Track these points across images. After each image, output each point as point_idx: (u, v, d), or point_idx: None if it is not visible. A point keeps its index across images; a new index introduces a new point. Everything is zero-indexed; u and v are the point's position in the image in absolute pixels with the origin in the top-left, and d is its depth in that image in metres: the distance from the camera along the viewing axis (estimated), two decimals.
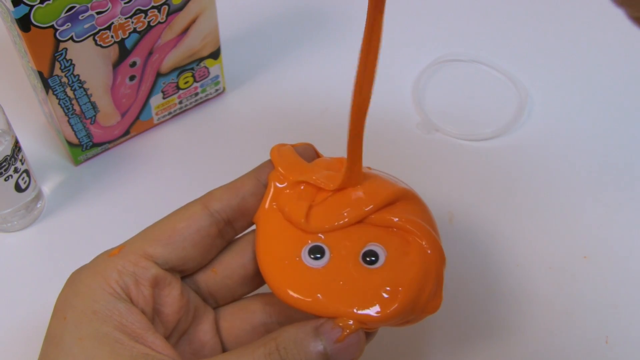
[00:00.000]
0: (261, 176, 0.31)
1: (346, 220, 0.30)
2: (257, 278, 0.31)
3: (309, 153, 0.32)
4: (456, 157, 0.47)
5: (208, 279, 0.31)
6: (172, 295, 0.29)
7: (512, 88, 0.51)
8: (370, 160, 0.35)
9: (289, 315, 0.31)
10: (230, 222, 0.31)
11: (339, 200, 0.31)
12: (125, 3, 0.37)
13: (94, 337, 0.25)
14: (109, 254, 0.29)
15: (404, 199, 0.31)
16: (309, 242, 0.30)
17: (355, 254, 0.29)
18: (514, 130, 0.48)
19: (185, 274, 0.31)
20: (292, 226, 0.30)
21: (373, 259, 0.29)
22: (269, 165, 0.31)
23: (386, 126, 0.48)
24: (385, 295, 0.28)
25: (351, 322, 0.27)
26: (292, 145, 0.32)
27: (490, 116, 0.49)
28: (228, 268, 0.31)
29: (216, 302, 0.32)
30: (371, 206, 0.30)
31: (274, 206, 0.31)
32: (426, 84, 0.51)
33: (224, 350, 0.31)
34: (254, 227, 0.31)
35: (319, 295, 0.28)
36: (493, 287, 0.40)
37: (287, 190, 0.31)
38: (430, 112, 0.49)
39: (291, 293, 0.28)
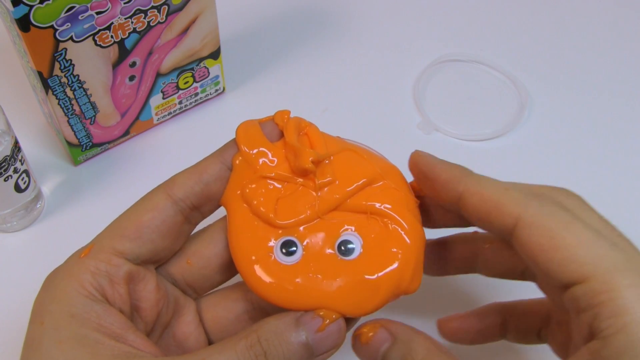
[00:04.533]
0: (225, 158, 0.30)
1: (317, 211, 0.29)
2: (233, 266, 0.30)
3: (276, 131, 0.31)
4: (456, 157, 0.47)
5: (184, 271, 0.31)
6: (148, 289, 0.29)
7: (512, 88, 0.51)
8: None
9: None
10: (195, 207, 0.30)
11: (309, 190, 0.29)
12: (125, 3, 0.37)
13: (73, 339, 0.25)
14: (79, 255, 0.28)
15: (379, 179, 0.30)
16: (281, 236, 0.29)
17: (330, 244, 0.29)
18: (514, 130, 0.48)
19: (158, 264, 0.30)
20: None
21: (349, 247, 0.28)
22: (233, 146, 0.30)
23: (386, 126, 0.48)
24: (364, 286, 0.28)
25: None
26: (259, 121, 0.31)
27: (490, 116, 0.49)
28: (203, 258, 0.31)
29: (196, 293, 0.32)
30: (343, 193, 0.29)
31: (239, 193, 0.29)
32: (426, 84, 0.51)
33: (209, 340, 0.31)
34: (223, 211, 0.30)
35: (297, 290, 0.28)
36: (493, 287, 0.40)
37: (254, 185, 0.29)
38: (430, 112, 0.49)
39: (269, 290, 0.28)
